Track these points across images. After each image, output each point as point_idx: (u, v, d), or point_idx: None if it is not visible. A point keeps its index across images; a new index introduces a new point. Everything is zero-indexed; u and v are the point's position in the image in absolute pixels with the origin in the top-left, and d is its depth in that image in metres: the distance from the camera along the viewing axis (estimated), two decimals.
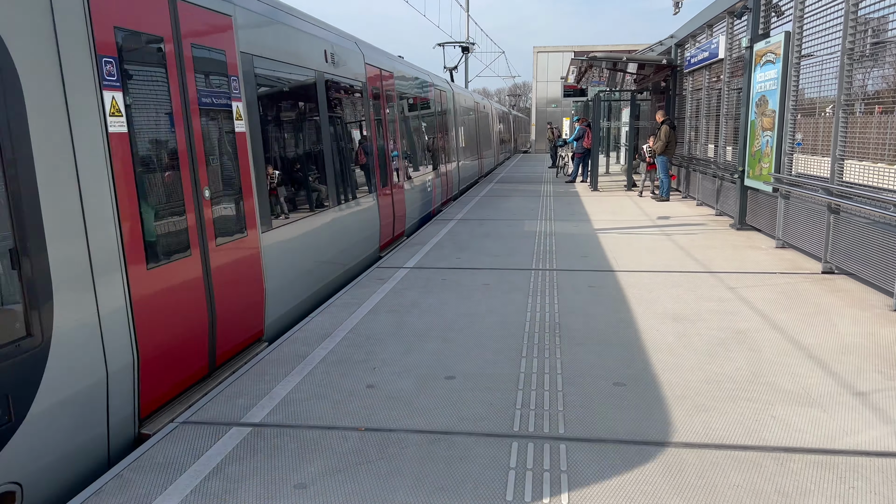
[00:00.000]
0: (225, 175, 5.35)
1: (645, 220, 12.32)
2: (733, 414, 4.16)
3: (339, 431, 4.02)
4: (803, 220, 8.64)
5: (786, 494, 3.27)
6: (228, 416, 4.26)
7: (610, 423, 4.07)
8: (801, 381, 4.66)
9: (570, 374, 4.84)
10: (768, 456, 3.64)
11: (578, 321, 6.11)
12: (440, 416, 4.20)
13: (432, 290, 7.30)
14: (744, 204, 11.08)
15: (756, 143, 10.33)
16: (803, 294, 6.92)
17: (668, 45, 17.19)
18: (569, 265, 8.49)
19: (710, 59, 13.19)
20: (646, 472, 3.49)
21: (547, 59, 51.20)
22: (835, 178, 7.64)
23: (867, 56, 7.35)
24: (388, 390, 4.61)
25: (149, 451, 3.82)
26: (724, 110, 12.45)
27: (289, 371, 5.01)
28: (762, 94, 10.09)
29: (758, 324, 5.95)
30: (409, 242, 10.38)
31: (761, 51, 10.15)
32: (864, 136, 7.46)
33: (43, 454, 3.38)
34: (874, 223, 6.86)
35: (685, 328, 5.86)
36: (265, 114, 6.24)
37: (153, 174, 4.40)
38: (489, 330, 5.89)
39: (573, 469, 3.53)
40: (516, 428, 4.02)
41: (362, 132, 9.56)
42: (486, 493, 3.32)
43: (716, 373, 4.84)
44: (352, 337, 5.77)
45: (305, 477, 3.51)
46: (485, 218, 12.99)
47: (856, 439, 3.81)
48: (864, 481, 3.37)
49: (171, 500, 3.31)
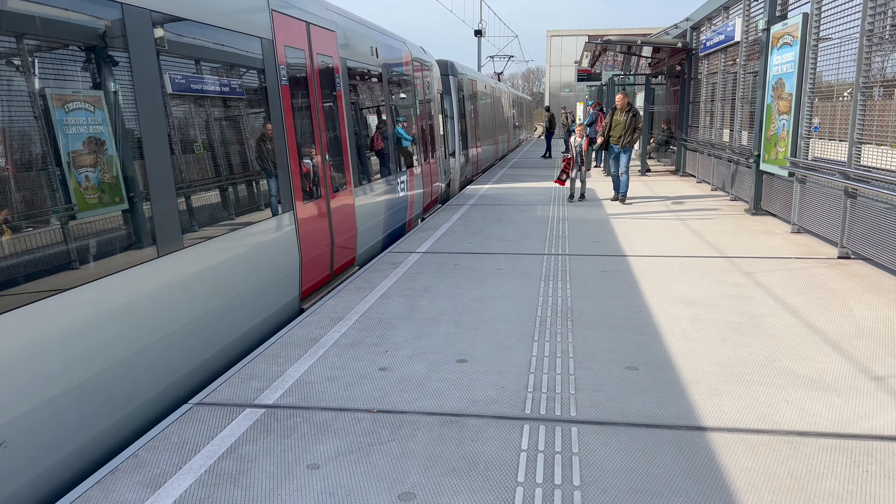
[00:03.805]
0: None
1: (659, 205, 12.24)
2: (746, 398, 4.14)
3: (352, 413, 4.05)
4: (819, 205, 8.55)
5: (799, 478, 3.25)
6: (242, 397, 4.30)
7: (622, 406, 4.06)
8: (816, 366, 4.62)
9: (583, 358, 4.83)
10: (781, 440, 3.63)
11: (591, 305, 6.09)
12: (452, 398, 4.22)
13: (445, 275, 7.30)
14: (759, 189, 10.97)
15: (772, 128, 10.21)
16: (819, 279, 6.86)
17: (684, 28, 16.98)
18: (581, 250, 8.46)
19: (726, 42, 13.03)
20: (658, 456, 3.49)
21: (561, 43, 50.80)
22: (852, 162, 7.55)
23: (887, 38, 7.22)
24: (400, 373, 4.63)
25: (163, 430, 3.86)
26: (740, 94, 12.30)
27: (302, 354, 5.03)
28: (779, 78, 9.96)
29: (772, 308, 5.91)
30: (422, 227, 10.37)
31: (778, 33, 10.01)
32: (882, 119, 7.36)
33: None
34: (892, 207, 6.77)
35: (699, 313, 5.83)
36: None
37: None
38: (501, 314, 5.89)
39: (585, 452, 3.53)
40: (528, 411, 4.02)
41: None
42: (498, 475, 3.33)
43: (729, 357, 4.81)
44: (364, 321, 5.78)
45: (318, 457, 3.53)
46: (497, 203, 12.96)
47: (870, 424, 3.79)
48: (879, 465, 3.35)
49: (185, 480, 3.35)
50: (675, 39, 17.31)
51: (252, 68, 5.83)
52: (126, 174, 4.10)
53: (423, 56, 13.22)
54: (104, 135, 3.89)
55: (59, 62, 3.64)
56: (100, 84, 3.91)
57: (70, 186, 3.63)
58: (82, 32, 3.79)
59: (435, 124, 13.86)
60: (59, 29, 3.63)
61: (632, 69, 23.21)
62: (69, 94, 3.66)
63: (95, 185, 3.81)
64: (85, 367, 3.64)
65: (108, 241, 3.90)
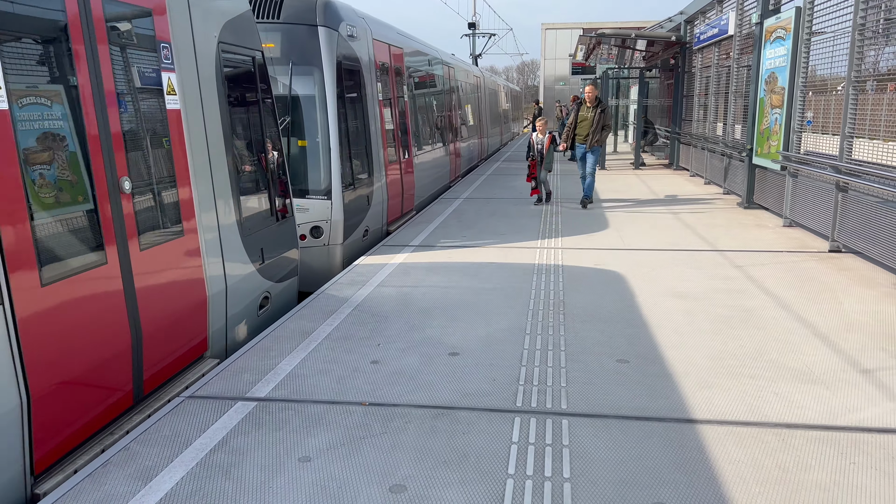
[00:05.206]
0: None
1: (653, 199, 12.26)
2: (736, 391, 4.17)
3: (343, 406, 4.06)
4: (811, 199, 8.58)
5: (786, 469, 3.28)
6: (234, 390, 4.30)
7: (613, 399, 4.09)
8: (805, 359, 4.65)
9: (574, 351, 4.85)
10: (770, 432, 3.66)
11: (583, 299, 6.11)
12: (444, 391, 4.23)
13: (438, 268, 7.31)
14: (752, 182, 11.00)
15: (765, 121, 10.24)
16: (810, 272, 6.90)
17: (678, 21, 16.98)
18: (575, 243, 8.47)
19: (720, 35, 13.04)
20: (648, 448, 3.51)
21: (555, 37, 50.67)
22: (843, 156, 7.58)
23: (879, 33, 7.24)
24: (392, 366, 4.64)
25: (155, 424, 3.86)
26: (734, 88, 12.32)
27: (294, 347, 5.04)
28: (771, 72, 9.98)
29: (763, 302, 5.94)
30: (415, 220, 10.37)
31: (771, 27, 10.02)
32: (875, 114, 7.38)
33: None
34: (883, 201, 6.81)
35: (691, 306, 5.85)
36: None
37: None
38: (494, 307, 5.90)
39: (575, 444, 3.55)
40: (519, 403, 4.04)
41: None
42: (489, 467, 3.35)
43: (720, 350, 4.84)
44: (357, 314, 5.79)
45: (310, 450, 3.54)
46: (491, 196, 12.96)
47: (858, 416, 3.82)
48: (866, 457, 3.38)
49: (177, 473, 3.36)
50: (669, 33, 17.31)
51: None
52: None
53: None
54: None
55: None
56: None
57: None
58: None
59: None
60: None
61: (626, 63, 23.21)
62: None
63: None
64: None
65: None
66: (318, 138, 7.90)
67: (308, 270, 7.64)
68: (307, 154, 8.01)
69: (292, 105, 7.88)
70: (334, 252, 8.04)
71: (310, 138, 7.96)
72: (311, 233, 7.86)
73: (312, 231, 7.87)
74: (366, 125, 8.95)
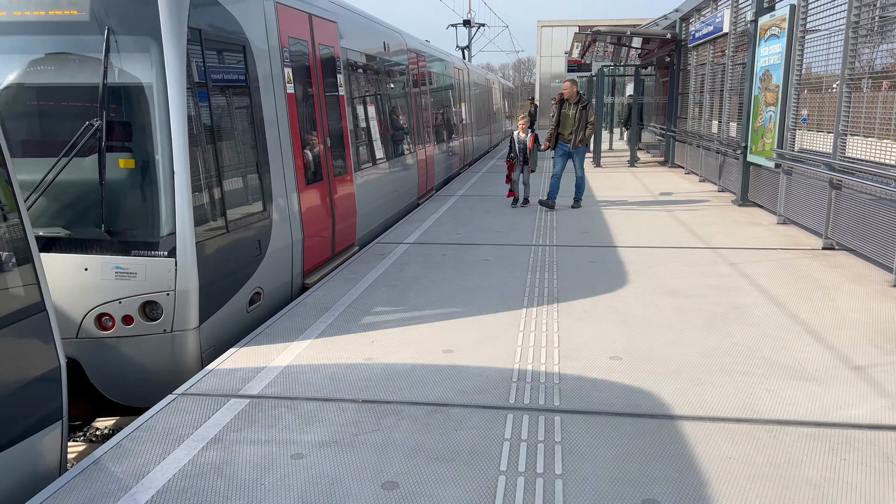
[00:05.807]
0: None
1: (647, 196, 12.28)
2: (728, 388, 4.18)
3: (337, 403, 4.06)
4: (805, 196, 8.60)
5: (778, 466, 3.29)
6: (226, 387, 4.30)
7: (605, 396, 4.09)
8: (798, 356, 4.67)
9: (568, 348, 4.86)
10: (761, 428, 3.67)
11: (577, 296, 6.11)
12: (437, 388, 4.23)
13: (432, 266, 7.31)
14: (746, 180, 11.02)
15: (759, 119, 10.26)
16: (803, 270, 6.91)
17: (673, 19, 16.99)
18: (570, 241, 8.48)
19: (715, 33, 13.04)
20: (640, 444, 3.52)
21: (551, 34, 50.65)
22: (837, 153, 7.59)
23: (873, 31, 7.25)
24: (386, 363, 4.64)
25: (147, 421, 3.86)
26: (728, 85, 12.34)
27: (287, 344, 5.03)
28: (766, 69, 10.00)
29: (756, 299, 5.95)
30: (410, 218, 10.36)
31: (766, 24, 10.04)
32: (870, 111, 7.40)
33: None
34: (876, 199, 6.82)
35: (684, 303, 5.86)
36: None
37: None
38: (488, 304, 5.90)
39: (567, 440, 3.56)
40: (512, 400, 4.05)
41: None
42: (481, 463, 3.36)
43: (713, 347, 4.85)
44: (350, 311, 5.79)
45: (302, 447, 3.54)
46: (487, 194, 12.96)
47: (849, 412, 3.83)
48: (857, 453, 3.40)
49: (169, 470, 3.35)
50: (664, 30, 17.32)
51: None
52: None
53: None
54: None
55: None
56: None
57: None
58: None
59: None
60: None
61: (622, 60, 23.21)
62: None
63: None
64: None
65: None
66: (156, 154, 4.88)
67: (134, 378, 4.92)
68: (133, 181, 4.97)
69: (108, 100, 4.85)
70: (182, 343, 4.93)
71: (138, 155, 4.93)
72: (141, 312, 4.86)
73: (145, 309, 4.87)
74: (258, 130, 6.03)
